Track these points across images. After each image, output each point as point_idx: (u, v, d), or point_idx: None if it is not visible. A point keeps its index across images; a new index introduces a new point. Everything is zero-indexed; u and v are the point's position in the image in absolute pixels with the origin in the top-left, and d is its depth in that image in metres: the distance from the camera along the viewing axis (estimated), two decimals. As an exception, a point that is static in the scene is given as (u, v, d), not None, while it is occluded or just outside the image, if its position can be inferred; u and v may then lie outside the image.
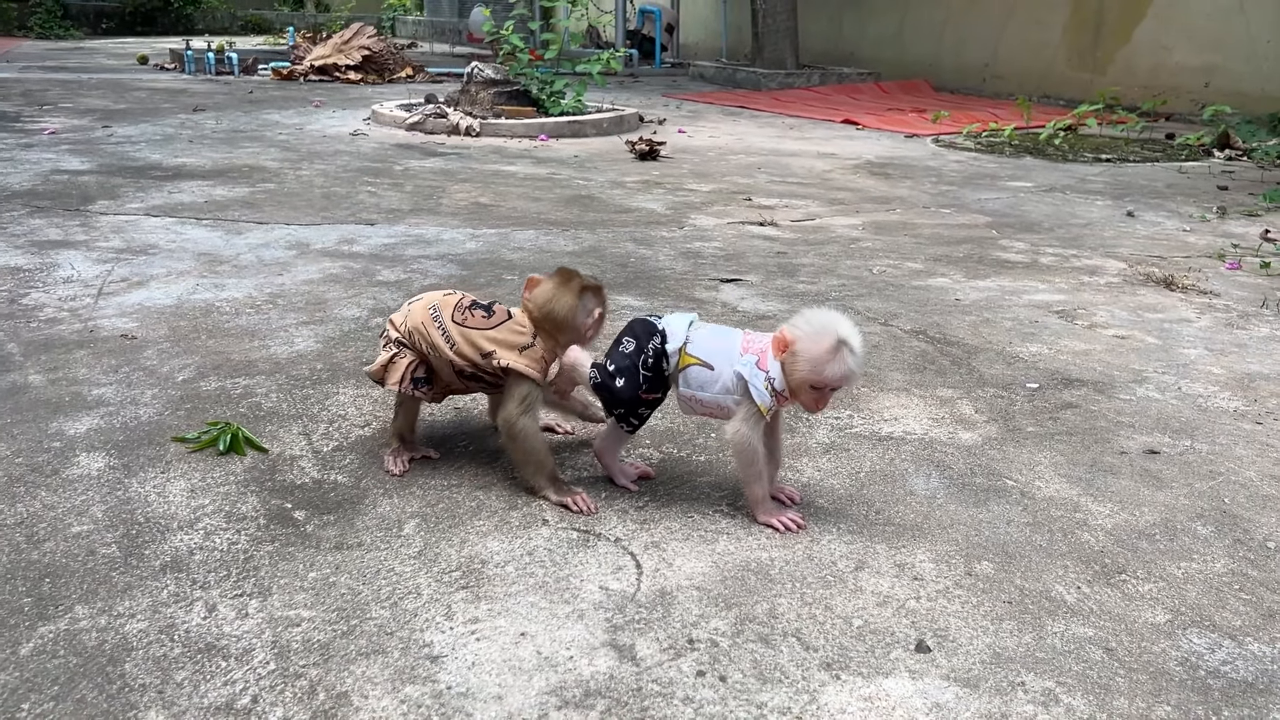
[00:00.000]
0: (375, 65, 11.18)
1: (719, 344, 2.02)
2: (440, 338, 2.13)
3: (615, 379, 2.06)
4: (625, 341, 2.09)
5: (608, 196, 5.35)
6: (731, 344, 2.02)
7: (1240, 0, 8.97)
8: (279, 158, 6.15)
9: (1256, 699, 1.56)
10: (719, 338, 2.04)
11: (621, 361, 2.07)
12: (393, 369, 2.18)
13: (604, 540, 1.95)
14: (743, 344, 2.02)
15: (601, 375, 2.09)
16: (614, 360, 2.08)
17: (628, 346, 2.08)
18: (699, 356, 2.01)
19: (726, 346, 2.02)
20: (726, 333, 2.06)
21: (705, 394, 2.02)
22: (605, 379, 2.08)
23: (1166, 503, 2.16)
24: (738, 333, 2.06)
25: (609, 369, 2.08)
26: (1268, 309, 3.59)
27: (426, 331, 2.15)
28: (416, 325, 2.17)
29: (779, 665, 1.60)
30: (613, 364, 2.08)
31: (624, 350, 2.08)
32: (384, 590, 1.77)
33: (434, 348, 2.14)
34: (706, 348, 2.02)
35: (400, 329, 2.20)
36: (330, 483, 2.16)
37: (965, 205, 5.38)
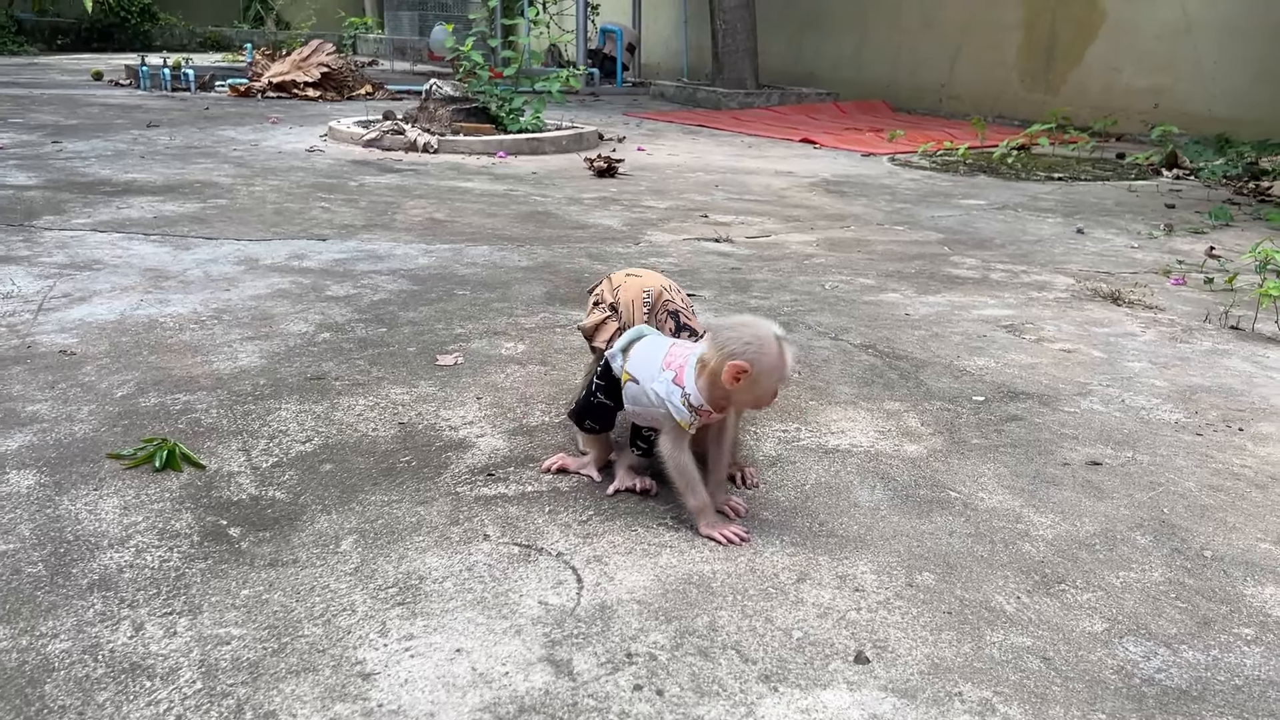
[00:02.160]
0: (334, 82, 11.11)
1: (647, 358, 2.06)
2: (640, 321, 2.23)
3: (586, 395, 2.20)
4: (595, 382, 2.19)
5: (564, 213, 5.34)
6: (656, 358, 2.04)
7: (1187, 23, 9.17)
8: (232, 174, 6.09)
9: (1190, 706, 1.56)
10: (649, 350, 2.07)
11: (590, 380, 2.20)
12: (604, 329, 2.29)
13: (546, 555, 1.93)
14: (664, 359, 2.02)
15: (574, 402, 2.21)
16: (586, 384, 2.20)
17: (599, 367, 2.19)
18: (631, 373, 2.07)
19: (651, 361, 2.04)
20: (658, 345, 2.09)
21: (638, 408, 2.09)
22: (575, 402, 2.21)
23: (1107, 513, 2.17)
24: (665, 344, 2.08)
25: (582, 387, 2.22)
26: (1210, 323, 3.65)
27: (633, 309, 2.26)
28: (629, 301, 2.28)
29: (717, 678, 1.59)
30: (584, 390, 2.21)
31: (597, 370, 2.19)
32: (318, 607, 1.74)
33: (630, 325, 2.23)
34: (636, 362, 2.07)
35: (614, 296, 2.30)
36: (268, 499, 2.12)
37: (919, 222, 5.44)
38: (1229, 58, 8.87)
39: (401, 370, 2.87)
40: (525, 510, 2.10)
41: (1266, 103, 8.57)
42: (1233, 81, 8.85)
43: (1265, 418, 2.75)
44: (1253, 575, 1.94)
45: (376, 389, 2.73)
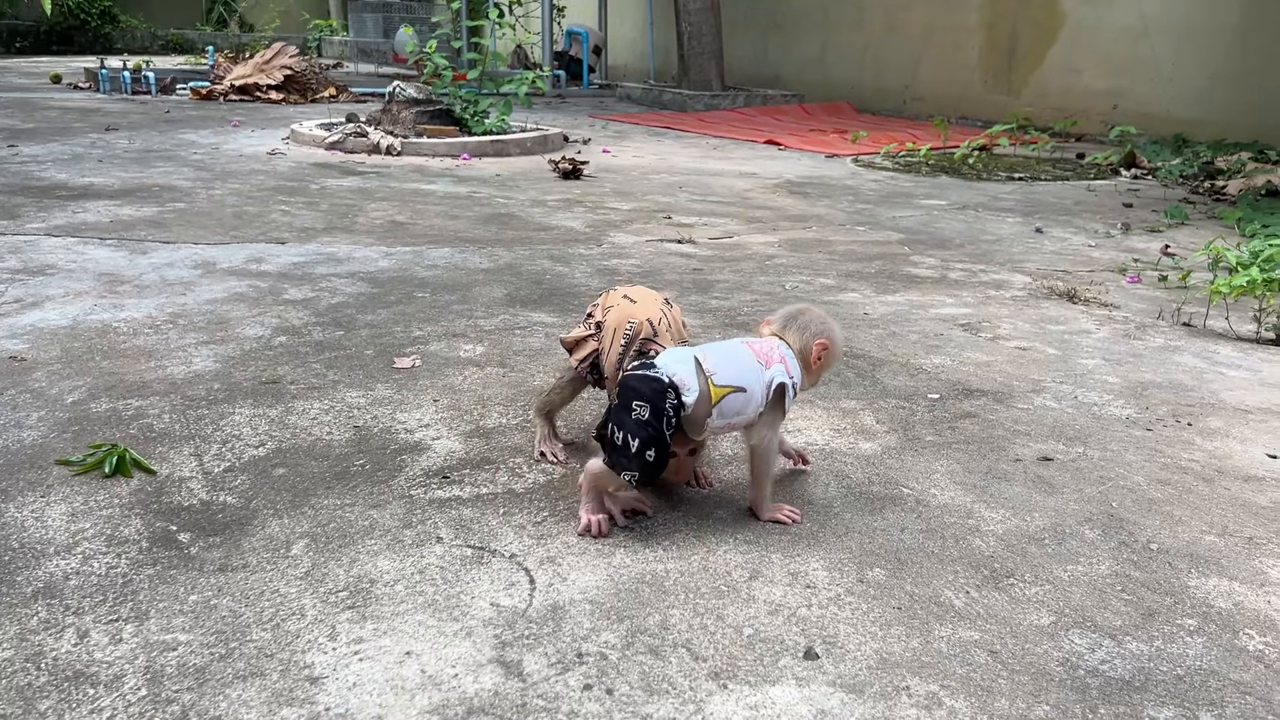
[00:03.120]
0: (297, 85, 11.03)
1: (738, 365, 2.01)
2: (615, 357, 2.17)
3: (648, 452, 1.93)
4: (635, 408, 1.93)
5: (527, 215, 5.34)
6: (747, 360, 2.03)
7: (1144, 26, 9.30)
8: (191, 177, 6.03)
9: (1132, 696, 1.59)
10: (733, 359, 2.03)
11: (646, 434, 1.92)
12: (583, 346, 2.27)
13: (499, 557, 1.93)
14: (757, 356, 2.04)
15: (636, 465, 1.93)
16: (638, 436, 1.92)
17: (641, 413, 1.93)
18: (731, 385, 1.99)
19: (745, 365, 2.02)
20: (733, 350, 2.06)
21: (740, 418, 2.02)
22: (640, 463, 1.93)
23: (1057, 508, 2.20)
24: (739, 346, 2.07)
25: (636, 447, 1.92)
26: (1163, 320, 3.70)
27: (612, 340, 2.20)
28: (610, 328, 2.22)
29: (667, 677, 1.59)
30: (639, 440, 1.92)
31: (640, 419, 1.92)
32: (266, 612, 1.73)
33: (605, 357, 2.22)
34: (730, 374, 1.99)
35: (602, 315, 2.25)
36: (219, 504, 2.10)
37: (880, 223, 5.48)
38: (1185, 60, 9.01)
39: (358, 373, 2.85)
40: (479, 512, 2.09)
41: (1222, 104, 8.71)
42: (1190, 83, 8.99)
43: (1213, 412, 2.79)
44: (1197, 567, 1.97)
45: (332, 392, 2.71)
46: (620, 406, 1.97)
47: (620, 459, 1.95)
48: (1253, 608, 1.84)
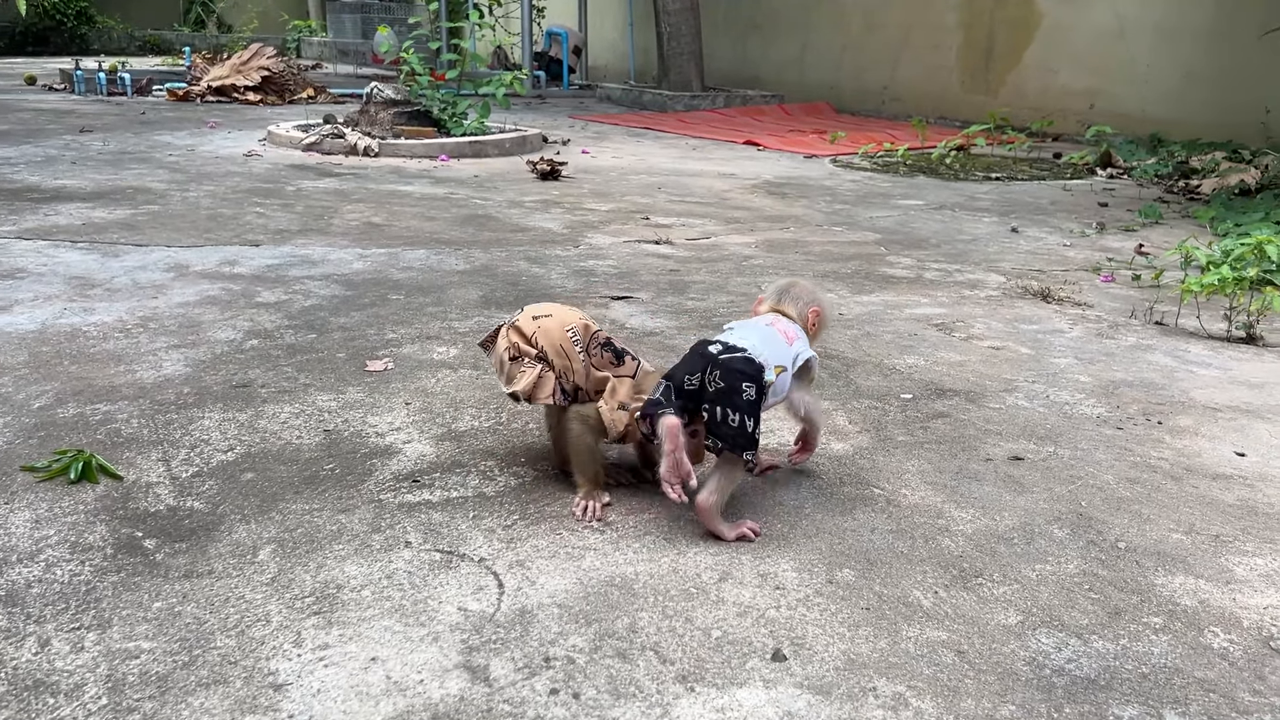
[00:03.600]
0: (275, 86, 10.97)
1: (777, 347, 2.13)
2: (580, 364, 2.19)
3: (758, 430, 2.01)
4: (745, 389, 2.00)
5: (505, 216, 5.32)
6: (781, 342, 2.15)
7: (1120, 26, 9.37)
8: (166, 179, 5.98)
9: (1097, 695, 1.59)
10: (772, 342, 2.13)
11: (758, 412, 2.01)
12: (543, 384, 2.17)
13: (468, 561, 1.92)
14: (782, 337, 2.17)
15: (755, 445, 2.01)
16: (752, 415, 1.99)
17: (750, 393, 2.00)
18: (780, 364, 2.11)
19: (780, 346, 2.14)
20: (768, 335, 2.16)
21: (781, 394, 2.14)
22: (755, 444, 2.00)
23: (1027, 507, 2.21)
24: (768, 330, 2.17)
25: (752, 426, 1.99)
26: (1136, 319, 3.72)
27: (566, 354, 2.18)
28: (555, 346, 2.18)
29: (634, 680, 1.59)
30: (753, 419, 1.99)
31: (751, 399, 2.00)
32: (231, 619, 1.71)
33: (569, 370, 2.18)
34: (776, 355, 2.11)
35: (535, 345, 2.18)
36: (186, 510, 2.08)
37: (857, 223, 5.49)
38: (1161, 60, 9.08)
39: (330, 377, 2.84)
40: (449, 516, 2.08)
41: (1197, 103, 8.78)
42: (1165, 83, 9.06)
43: (1183, 411, 2.81)
44: (1164, 565, 1.98)
45: (303, 396, 2.69)
46: (729, 389, 2.00)
47: (739, 441, 1.99)
48: (1218, 605, 1.85)
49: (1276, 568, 1.99)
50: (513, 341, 2.20)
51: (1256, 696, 1.60)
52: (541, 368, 2.18)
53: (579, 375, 2.19)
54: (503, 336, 2.23)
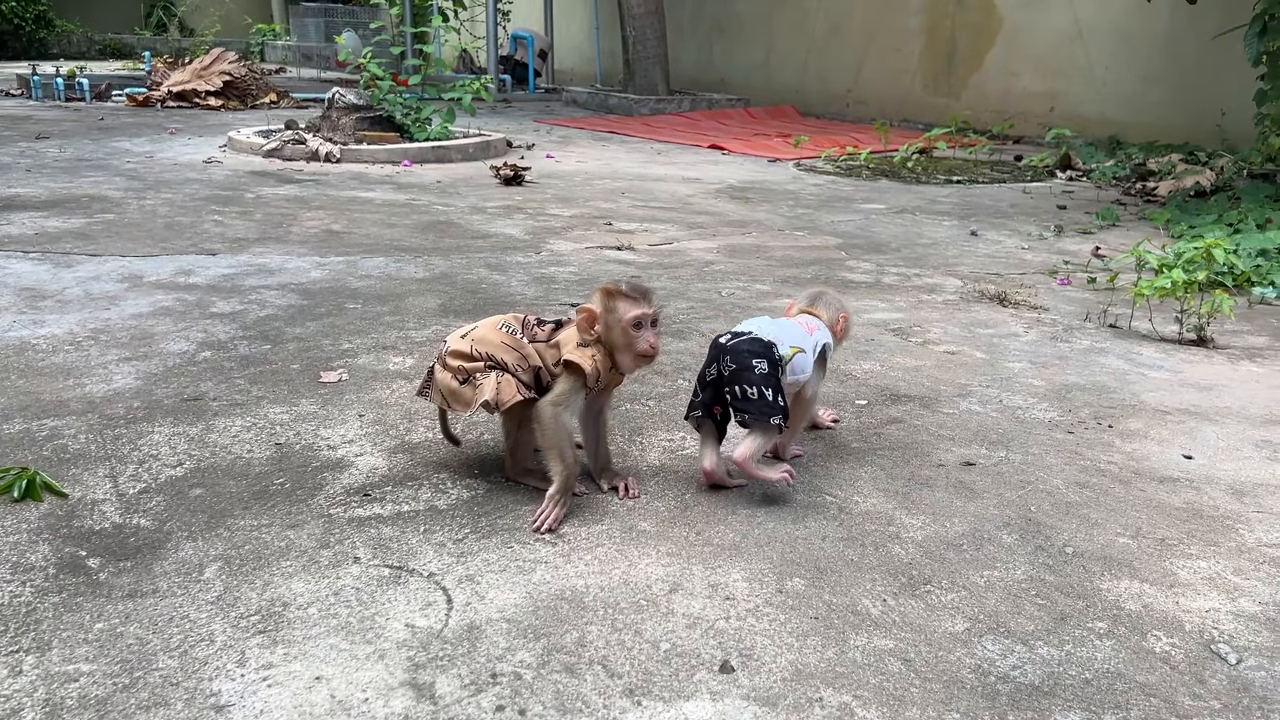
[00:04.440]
0: (237, 91, 10.87)
1: (795, 333, 2.35)
2: (530, 348, 2.21)
3: (779, 397, 2.22)
4: (757, 365, 2.22)
5: (466, 222, 5.30)
6: (799, 330, 2.38)
7: (1079, 30, 9.48)
8: (123, 187, 5.91)
9: (1041, 701, 1.61)
10: (789, 329, 2.36)
11: (774, 382, 2.22)
12: (504, 387, 2.16)
13: (417, 576, 1.91)
14: (804, 327, 2.40)
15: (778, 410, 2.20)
16: (769, 385, 2.21)
17: (763, 367, 2.22)
18: (796, 346, 2.32)
19: (799, 333, 2.36)
20: (786, 324, 2.39)
21: (800, 375, 2.33)
22: (780, 407, 2.21)
23: (977, 513, 2.23)
24: (787, 321, 2.42)
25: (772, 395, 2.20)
26: (1090, 322, 3.77)
27: (512, 346, 2.20)
28: (497, 343, 2.20)
29: (581, 695, 1.59)
30: (770, 388, 2.20)
31: (764, 372, 2.21)
32: (174, 639, 1.69)
33: (523, 359, 2.20)
34: (793, 339, 2.33)
35: (478, 355, 2.19)
36: (132, 527, 2.06)
37: (818, 227, 5.52)
38: (1118, 63, 9.20)
39: (282, 389, 2.81)
40: (399, 531, 2.07)
41: (1154, 106, 8.90)
42: (1123, 86, 9.17)
43: (1134, 414, 2.84)
44: (1110, 570, 2.01)
45: (255, 409, 2.67)
46: (741, 368, 2.22)
47: (764, 409, 2.19)
48: (1161, 609, 1.87)
49: (1219, 570, 2.02)
50: (455, 366, 2.20)
51: (1196, 700, 1.62)
52: (496, 374, 2.18)
53: (532, 358, 2.21)
54: (441, 369, 2.22)
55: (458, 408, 2.22)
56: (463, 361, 2.20)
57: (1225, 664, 1.72)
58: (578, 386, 2.17)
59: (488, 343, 2.21)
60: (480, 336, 2.23)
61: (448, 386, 2.21)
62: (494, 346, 2.20)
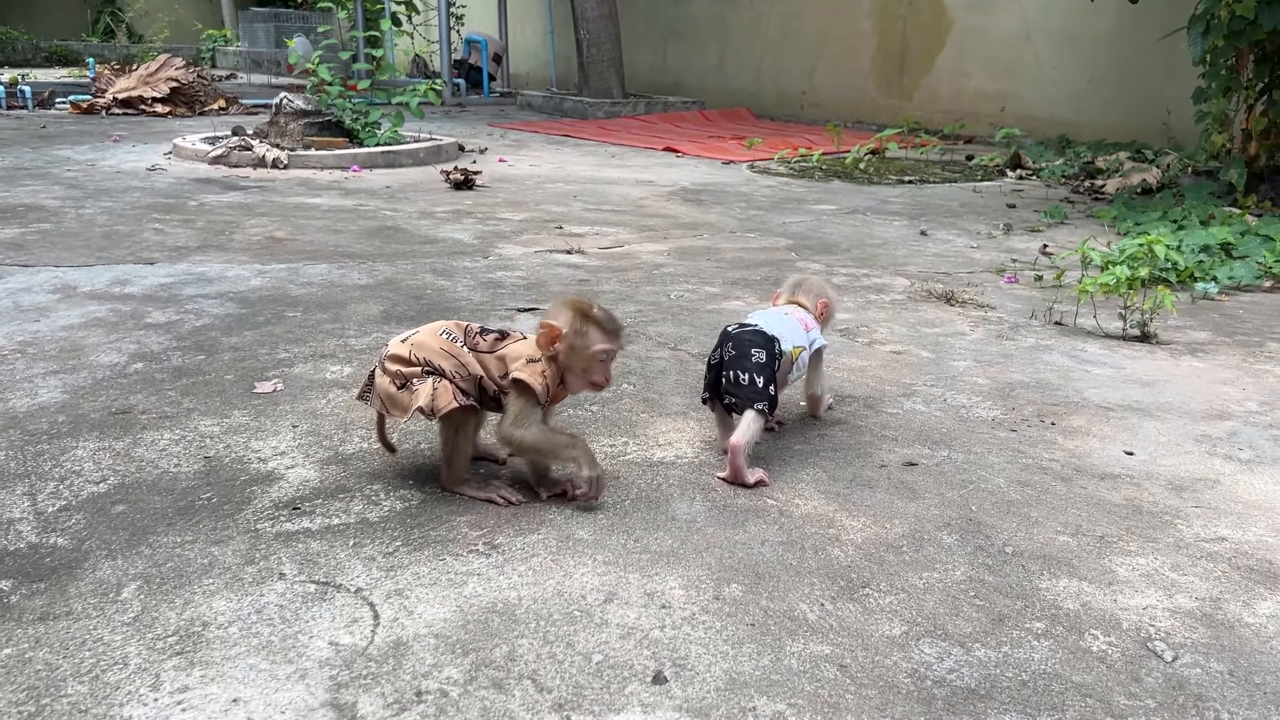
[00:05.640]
0: (185, 98, 10.70)
1: (796, 331, 2.48)
2: (470, 357, 2.18)
3: (770, 386, 2.33)
4: (754, 354, 2.33)
5: (414, 227, 5.23)
6: (799, 328, 2.51)
7: (1028, 31, 9.58)
8: (62, 196, 5.78)
9: (977, 705, 1.59)
10: (792, 327, 2.48)
11: (767, 372, 2.32)
12: (440, 393, 2.12)
13: (344, 592, 1.85)
14: (800, 325, 2.52)
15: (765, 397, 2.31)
16: (761, 374, 2.31)
17: (760, 356, 2.33)
18: (800, 345, 2.47)
19: (799, 330, 2.49)
20: (788, 322, 2.49)
21: (799, 371, 2.50)
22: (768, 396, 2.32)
23: (917, 513, 2.21)
24: (787, 318, 2.51)
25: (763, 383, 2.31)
26: (1036, 320, 3.78)
27: (450, 353, 2.17)
28: (436, 350, 2.17)
29: (509, 712, 1.54)
30: (763, 376, 2.31)
31: (760, 361, 2.32)
32: (86, 663, 1.63)
33: (462, 367, 2.17)
34: (796, 338, 2.46)
35: (416, 360, 2.15)
36: (48, 547, 1.98)
37: (769, 229, 5.51)
38: (1066, 63, 9.30)
39: (215, 400, 2.74)
40: (328, 545, 2.01)
41: (1101, 106, 9.01)
42: (1071, 85, 9.28)
43: (1076, 411, 2.85)
44: (1049, 569, 2.00)
45: (185, 421, 2.59)
46: (739, 355, 2.33)
47: (750, 394, 2.31)
48: (1099, 608, 1.86)
49: (1157, 566, 2.02)
50: (393, 370, 2.16)
51: (1132, 699, 1.61)
52: (433, 379, 2.14)
53: (473, 367, 2.17)
54: (381, 374, 2.18)
55: (395, 413, 2.18)
56: (401, 366, 2.16)
57: (1161, 662, 1.71)
58: (532, 402, 2.15)
59: (426, 348, 2.17)
60: (419, 342, 2.19)
61: (385, 391, 2.17)
62: (433, 353, 2.17)
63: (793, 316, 2.54)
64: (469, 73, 14.06)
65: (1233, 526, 2.19)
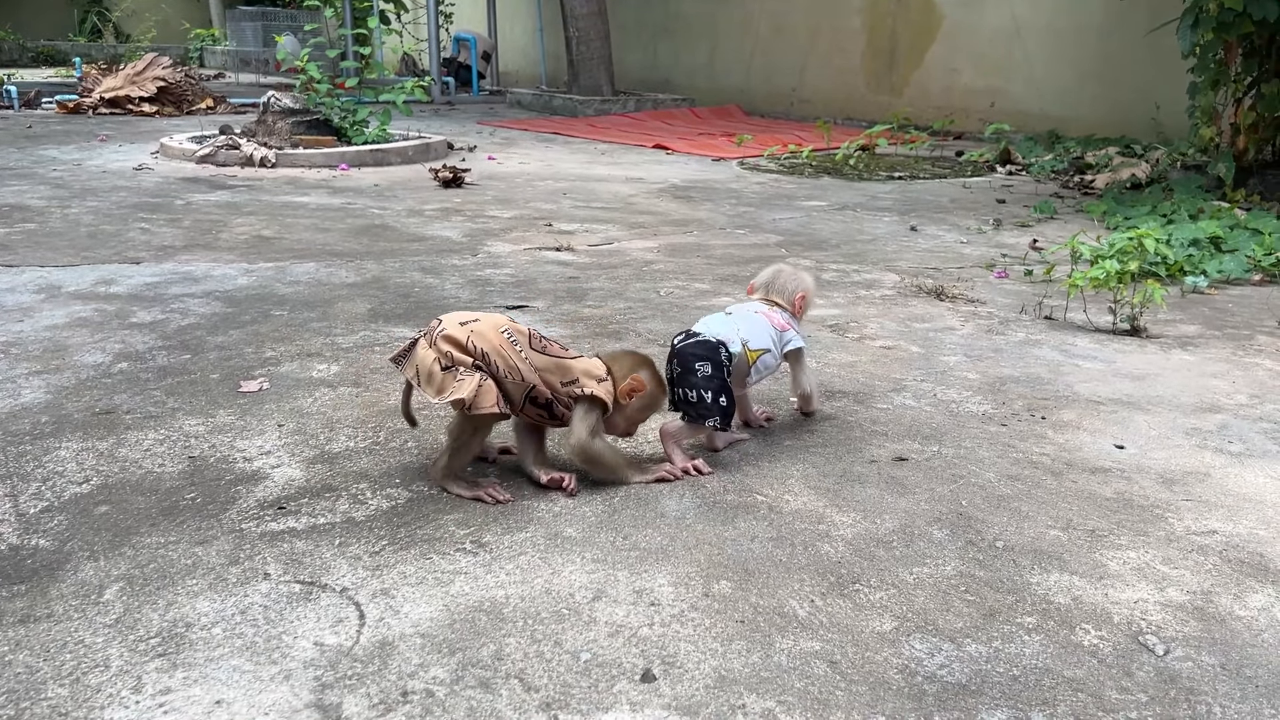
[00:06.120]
0: (172, 97, 10.64)
1: (762, 332, 2.45)
2: (522, 362, 2.18)
3: (720, 398, 2.30)
4: (699, 368, 2.31)
5: (402, 225, 5.21)
6: (766, 328, 2.47)
7: (1017, 27, 9.58)
8: (47, 195, 5.74)
9: (968, 700, 1.58)
10: (757, 327, 2.45)
11: (714, 384, 2.30)
12: (485, 393, 2.12)
13: (329, 591, 1.83)
14: (772, 325, 2.48)
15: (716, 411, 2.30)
16: (708, 388, 2.29)
17: (705, 369, 2.30)
18: (761, 348, 2.43)
19: (766, 331, 2.46)
20: (754, 320, 2.47)
21: (768, 371, 2.48)
22: (719, 409, 2.30)
23: (908, 509, 2.20)
24: (757, 317, 2.48)
25: (710, 398, 2.29)
26: (1026, 314, 3.77)
27: (507, 355, 2.17)
28: (494, 348, 2.16)
29: (496, 711, 1.53)
30: (709, 391, 2.29)
31: (706, 374, 2.30)
32: (67, 666, 1.60)
33: (514, 370, 2.17)
34: (761, 340, 2.44)
35: (472, 351, 2.14)
36: (30, 548, 1.96)
37: (760, 225, 5.50)
38: (1056, 59, 9.31)
39: (200, 399, 2.72)
40: (313, 545, 1.99)
41: (1091, 101, 9.01)
42: (1060, 81, 9.28)
43: (1067, 405, 2.84)
44: (1040, 563, 1.98)
45: (170, 421, 2.57)
46: (684, 371, 2.32)
47: (701, 411, 2.30)
48: (1090, 602, 1.85)
49: (1148, 560, 2.01)
50: (444, 350, 2.14)
51: (1123, 694, 1.60)
52: (481, 376, 2.13)
53: (528, 375, 2.18)
54: (427, 347, 2.15)
55: (427, 391, 2.15)
56: (454, 349, 2.14)
57: (1153, 655, 1.70)
58: (600, 415, 2.27)
59: (485, 340, 2.16)
60: (480, 332, 2.17)
61: (427, 367, 2.14)
62: (490, 348, 2.16)
63: (762, 316, 2.50)
64: (458, 71, 14.02)
65: (1224, 519, 2.18)
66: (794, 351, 2.53)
